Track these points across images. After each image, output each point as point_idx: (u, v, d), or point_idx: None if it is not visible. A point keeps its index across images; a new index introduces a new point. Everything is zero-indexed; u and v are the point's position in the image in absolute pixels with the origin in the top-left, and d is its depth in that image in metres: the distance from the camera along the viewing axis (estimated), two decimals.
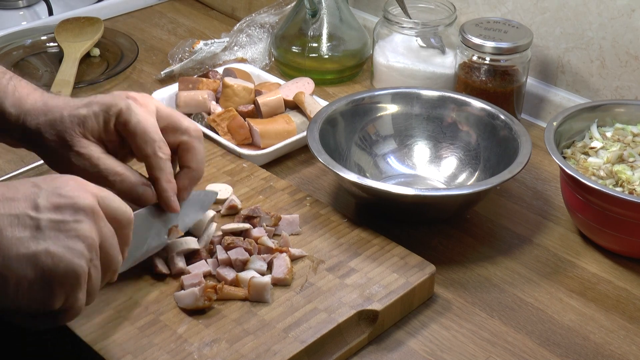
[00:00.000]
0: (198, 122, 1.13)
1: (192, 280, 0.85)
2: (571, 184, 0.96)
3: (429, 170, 1.09)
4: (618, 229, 0.94)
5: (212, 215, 0.92)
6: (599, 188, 0.91)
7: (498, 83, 1.16)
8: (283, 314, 0.84)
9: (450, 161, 1.09)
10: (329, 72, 1.32)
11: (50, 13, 1.66)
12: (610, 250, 0.98)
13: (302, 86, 1.18)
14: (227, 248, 0.89)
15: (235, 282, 0.86)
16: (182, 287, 0.86)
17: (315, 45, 1.30)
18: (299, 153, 1.14)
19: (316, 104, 1.14)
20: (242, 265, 0.88)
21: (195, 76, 1.25)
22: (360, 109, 1.10)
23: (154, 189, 0.87)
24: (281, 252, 0.90)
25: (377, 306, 0.85)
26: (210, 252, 0.91)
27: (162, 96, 1.19)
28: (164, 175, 0.86)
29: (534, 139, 1.08)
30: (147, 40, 1.44)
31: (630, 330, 0.89)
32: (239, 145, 1.10)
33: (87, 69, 1.33)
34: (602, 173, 0.98)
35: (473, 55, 1.16)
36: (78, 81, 1.27)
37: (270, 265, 0.89)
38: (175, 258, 0.88)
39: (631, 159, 0.99)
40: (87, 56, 1.36)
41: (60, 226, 0.70)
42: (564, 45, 1.20)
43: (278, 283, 0.87)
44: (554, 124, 1.01)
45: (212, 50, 1.35)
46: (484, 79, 1.16)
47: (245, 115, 1.14)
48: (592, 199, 0.93)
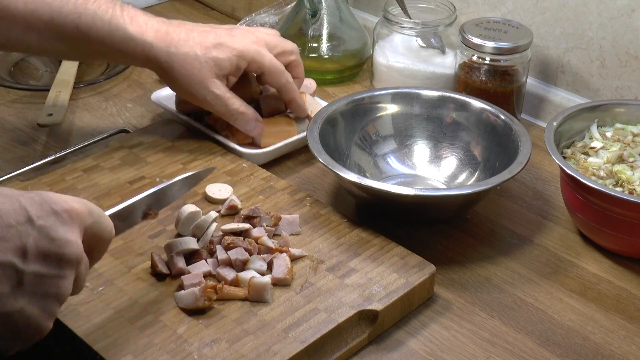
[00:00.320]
0: (198, 122, 1.13)
1: (192, 280, 0.85)
2: (571, 184, 0.96)
3: (429, 170, 1.09)
4: (618, 229, 0.94)
5: (214, 217, 0.92)
6: (599, 188, 0.91)
7: (498, 83, 1.16)
8: (283, 314, 0.84)
9: (450, 161, 1.09)
10: (329, 72, 1.32)
11: None
12: (610, 250, 0.98)
13: (305, 87, 1.18)
14: (227, 248, 0.89)
15: (235, 282, 0.86)
16: (182, 287, 0.86)
17: (315, 45, 1.30)
18: (299, 153, 1.14)
19: (317, 105, 1.14)
20: (242, 265, 0.88)
21: None
22: (360, 109, 1.10)
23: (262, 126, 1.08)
24: (281, 252, 0.90)
25: (377, 306, 0.85)
26: (210, 252, 0.91)
27: (162, 95, 1.19)
28: (297, 94, 1.10)
29: (534, 139, 1.08)
30: None
31: (630, 330, 0.89)
32: (239, 144, 1.10)
33: (87, 69, 1.33)
34: (602, 173, 0.98)
35: (473, 55, 1.16)
36: (78, 81, 1.27)
37: (270, 265, 0.89)
38: (175, 258, 0.88)
39: (631, 159, 0.99)
40: None
41: (41, 281, 0.67)
42: (564, 45, 1.20)
43: (278, 283, 0.87)
44: (554, 124, 1.00)
45: None
46: (484, 79, 1.16)
47: None
48: (592, 199, 0.93)
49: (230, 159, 1.08)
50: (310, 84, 1.19)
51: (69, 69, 1.28)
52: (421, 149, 1.10)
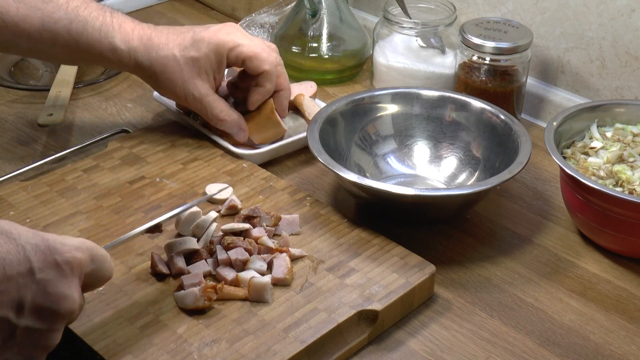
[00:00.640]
0: (195, 121, 1.14)
1: (192, 280, 0.85)
2: (571, 184, 0.96)
3: (429, 170, 1.09)
4: (618, 229, 0.94)
5: (214, 217, 0.92)
6: (599, 188, 0.91)
7: (498, 83, 1.16)
8: (283, 314, 0.84)
9: (450, 161, 1.09)
10: (329, 72, 1.32)
11: None
12: (610, 250, 0.98)
13: (305, 89, 1.18)
14: (227, 248, 0.89)
15: (235, 282, 0.86)
16: (182, 287, 0.86)
17: (315, 45, 1.30)
18: (299, 153, 1.14)
19: (315, 107, 1.14)
20: (242, 265, 0.88)
21: None
22: (360, 109, 1.10)
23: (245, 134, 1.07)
24: (281, 252, 0.90)
25: (377, 306, 0.85)
26: (210, 252, 0.90)
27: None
28: (283, 80, 1.07)
29: (534, 139, 1.08)
30: None
31: (630, 330, 0.89)
32: (234, 144, 1.10)
33: (87, 69, 1.33)
34: (602, 173, 0.98)
35: (473, 55, 1.16)
36: (78, 81, 1.27)
37: (270, 265, 0.89)
38: (175, 258, 0.88)
39: (631, 159, 0.99)
40: None
41: (33, 334, 0.68)
42: (564, 45, 1.20)
43: (278, 283, 0.87)
44: (554, 124, 1.00)
45: None
46: (484, 79, 1.16)
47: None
48: (592, 199, 0.93)
49: (230, 159, 1.08)
50: (311, 87, 1.19)
51: (69, 69, 1.28)
52: (421, 149, 1.10)
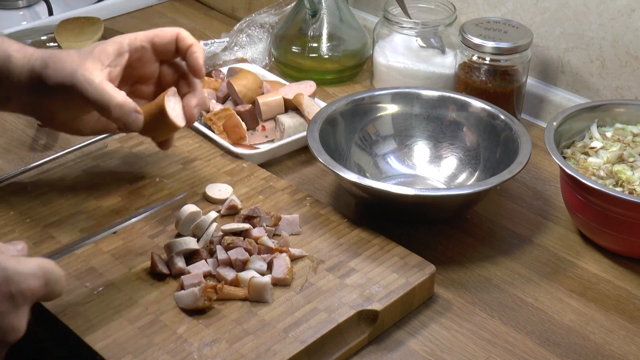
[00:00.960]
0: (196, 120, 1.13)
1: (192, 280, 0.85)
2: (571, 184, 0.96)
3: (429, 170, 1.09)
4: (618, 229, 0.94)
5: (214, 217, 0.92)
6: (599, 188, 0.91)
7: (498, 83, 1.16)
8: (283, 314, 0.84)
9: (450, 161, 1.09)
10: (329, 72, 1.32)
11: (50, 13, 1.66)
12: (610, 250, 0.98)
13: (304, 88, 1.18)
14: (227, 248, 0.89)
15: (235, 282, 0.86)
16: (182, 287, 0.86)
17: (315, 45, 1.30)
18: (299, 153, 1.14)
19: (315, 106, 1.14)
20: (242, 265, 0.88)
21: None
22: (360, 109, 1.10)
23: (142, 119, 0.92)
24: (281, 252, 0.90)
25: (377, 306, 0.85)
26: (210, 252, 0.91)
27: None
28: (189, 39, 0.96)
29: (534, 139, 1.08)
30: None
31: (630, 330, 0.89)
32: (233, 144, 1.10)
33: None
34: (602, 173, 0.98)
35: (473, 55, 1.16)
36: None
37: (270, 265, 0.89)
38: (175, 258, 0.88)
39: (631, 159, 0.99)
40: None
41: None
42: (564, 45, 1.21)
43: (278, 283, 0.87)
44: (554, 124, 1.01)
45: (212, 50, 1.35)
46: (484, 79, 1.16)
47: (242, 115, 1.14)
48: (592, 199, 0.93)
49: (230, 159, 1.08)
50: (310, 86, 1.19)
51: None
52: (421, 149, 1.10)
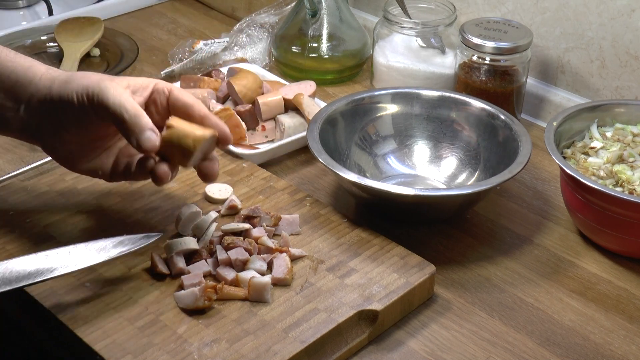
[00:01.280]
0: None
1: (192, 280, 0.85)
2: (571, 184, 0.96)
3: (429, 170, 1.09)
4: (618, 229, 0.94)
5: (214, 217, 0.92)
6: (599, 188, 0.91)
7: (498, 83, 1.16)
8: (283, 314, 0.84)
9: (450, 161, 1.09)
10: (329, 72, 1.32)
11: (50, 13, 1.66)
12: (610, 250, 0.98)
13: (304, 88, 1.18)
14: (227, 248, 0.89)
15: (235, 282, 0.86)
16: (182, 287, 0.86)
17: (315, 45, 1.30)
18: (299, 153, 1.14)
19: (314, 106, 1.14)
20: (242, 265, 0.88)
21: (199, 75, 1.25)
22: (360, 109, 1.10)
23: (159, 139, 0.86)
24: (281, 252, 0.90)
25: (377, 306, 0.85)
26: (210, 252, 0.90)
27: None
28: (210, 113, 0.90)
29: (534, 139, 1.08)
30: (147, 40, 1.44)
31: (630, 330, 0.89)
32: (234, 144, 1.10)
33: (87, 69, 1.32)
34: (602, 173, 0.98)
35: (473, 55, 1.16)
36: None
37: (270, 265, 0.89)
38: (175, 258, 0.88)
39: (631, 159, 0.99)
40: (87, 56, 1.36)
41: None
42: (564, 45, 1.21)
43: (278, 283, 0.87)
44: (554, 124, 1.01)
45: (212, 50, 1.35)
46: (484, 79, 1.16)
47: (242, 115, 1.14)
48: (592, 199, 0.93)
49: (230, 159, 1.08)
50: (310, 86, 1.19)
51: (68, 69, 1.28)
52: (421, 149, 1.10)
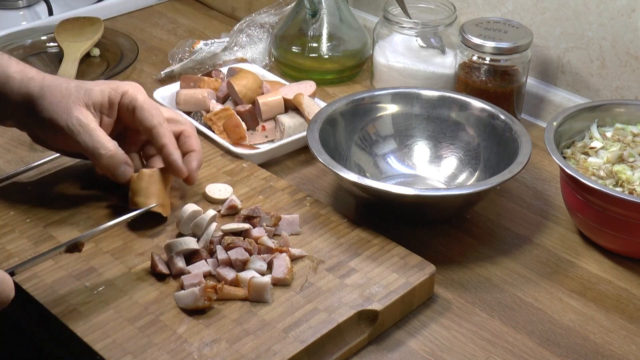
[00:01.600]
0: (196, 120, 1.14)
1: (192, 280, 0.85)
2: (571, 184, 0.96)
3: (429, 170, 1.09)
4: (618, 229, 0.94)
5: (212, 215, 0.92)
6: (599, 188, 0.91)
7: (498, 83, 1.16)
8: (283, 314, 0.84)
9: (450, 161, 1.09)
10: (329, 72, 1.32)
11: (50, 13, 1.66)
12: (610, 250, 0.98)
13: (304, 88, 1.18)
14: (227, 248, 0.90)
15: (235, 282, 0.86)
16: (182, 287, 0.86)
17: (315, 45, 1.30)
18: (299, 153, 1.14)
19: (314, 106, 1.14)
20: (242, 265, 0.88)
21: (199, 75, 1.25)
22: (360, 109, 1.10)
23: (132, 171, 0.95)
24: (281, 252, 0.90)
25: (377, 306, 0.85)
26: (210, 252, 0.91)
27: (164, 95, 1.20)
28: (171, 142, 0.95)
29: (534, 139, 1.08)
30: (147, 40, 1.44)
31: (630, 330, 0.89)
32: (233, 144, 1.10)
33: (87, 69, 1.33)
34: (602, 173, 0.98)
35: (473, 55, 1.16)
36: None
37: (270, 265, 0.89)
38: (175, 258, 0.88)
39: (631, 159, 0.99)
40: (87, 56, 1.36)
41: None
42: (564, 45, 1.21)
43: (278, 283, 0.87)
44: (554, 124, 1.01)
45: (212, 50, 1.35)
46: (484, 79, 1.16)
47: (242, 115, 1.14)
48: (592, 199, 0.93)
49: (230, 159, 1.08)
50: (310, 86, 1.19)
51: (68, 69, 1.28)
52: (421, 149, 1.10)
